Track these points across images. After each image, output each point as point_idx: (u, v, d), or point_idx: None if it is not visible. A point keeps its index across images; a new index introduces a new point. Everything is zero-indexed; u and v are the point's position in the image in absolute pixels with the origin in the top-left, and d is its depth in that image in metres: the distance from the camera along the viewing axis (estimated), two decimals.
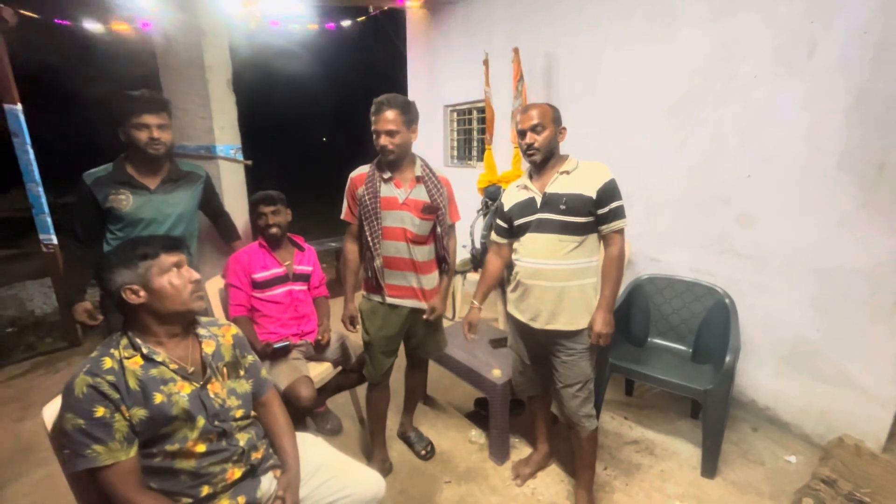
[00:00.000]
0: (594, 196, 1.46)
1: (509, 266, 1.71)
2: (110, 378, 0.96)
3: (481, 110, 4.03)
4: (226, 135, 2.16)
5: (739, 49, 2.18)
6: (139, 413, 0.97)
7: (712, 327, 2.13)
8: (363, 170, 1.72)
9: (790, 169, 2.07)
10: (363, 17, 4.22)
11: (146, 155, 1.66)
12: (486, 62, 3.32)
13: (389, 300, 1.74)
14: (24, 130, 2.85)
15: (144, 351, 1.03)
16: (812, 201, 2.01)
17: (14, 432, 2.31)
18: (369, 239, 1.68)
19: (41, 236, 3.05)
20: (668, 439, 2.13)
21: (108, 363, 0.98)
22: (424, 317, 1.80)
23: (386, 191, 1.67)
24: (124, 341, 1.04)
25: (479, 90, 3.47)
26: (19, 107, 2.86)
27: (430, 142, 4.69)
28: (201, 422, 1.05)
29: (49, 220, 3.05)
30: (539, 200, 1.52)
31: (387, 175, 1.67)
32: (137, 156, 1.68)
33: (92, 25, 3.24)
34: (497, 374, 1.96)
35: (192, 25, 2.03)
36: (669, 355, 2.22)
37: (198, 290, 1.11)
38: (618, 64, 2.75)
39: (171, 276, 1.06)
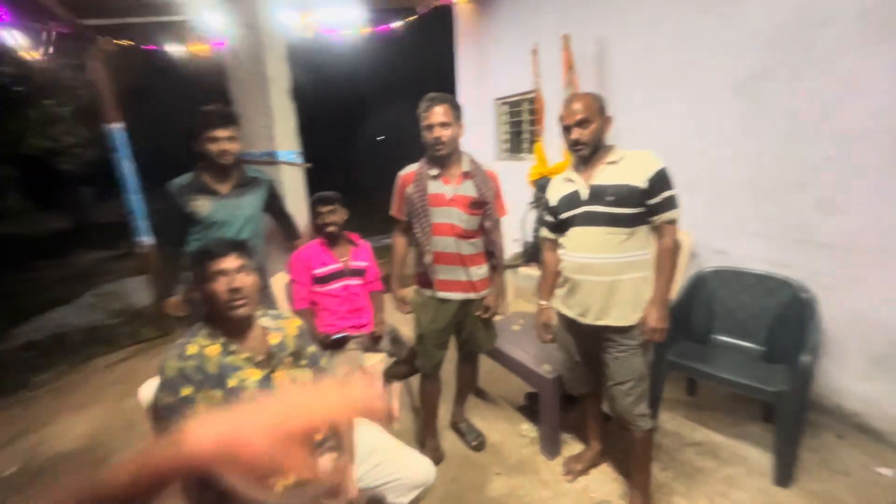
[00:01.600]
0: (644, 186, 1.40)
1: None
2: (193, 363, 1.10)
3: (532, 102, 3.96)
4: (286, 141, 2.33)
5: (819, 14, 1.96)
6: (216, 394, 1.10)
7: (788, 324, 1.95)
8: (412, 168, 1.79)
9: (881, 146, 1.83)
10: (413, 17, 4.30)
11: (217, 164, 1.84)
12: (534, 52, 3.26)
13: (440, 294, 1.79)
14: (123, 147, 3.26)
15: (221, 340, 1.16)
16: None
17: (119, 409, 2.67)
18: (419, 236, 1.75)
19: (138, 238, 3.47)
20: (734, 443, 1.99)
21: (191, 349, 1.12)
22: (478, 314, 1.84)
23: (434, 188, 1.72)
24: (205, 331, 1.18)
25: (528, 81, 3.41)
26: (118, 126, 3.28)
27: (481, 136, 4.69)
28: None
29: (145, 224, 3.47)
30: (585, 193, 1.48)
31: (434, 172, 1.72)
32: (211, 165, 1.87)
33: (174, 48, 3.64)
34: (547, 368, 1.95)
35: (255, 41, 2.21)
36: (736, 353, 2.07)
37: (236, 298, 1.14)
38: (676, 41, 2.58)
39: (214, 284, 1.14)
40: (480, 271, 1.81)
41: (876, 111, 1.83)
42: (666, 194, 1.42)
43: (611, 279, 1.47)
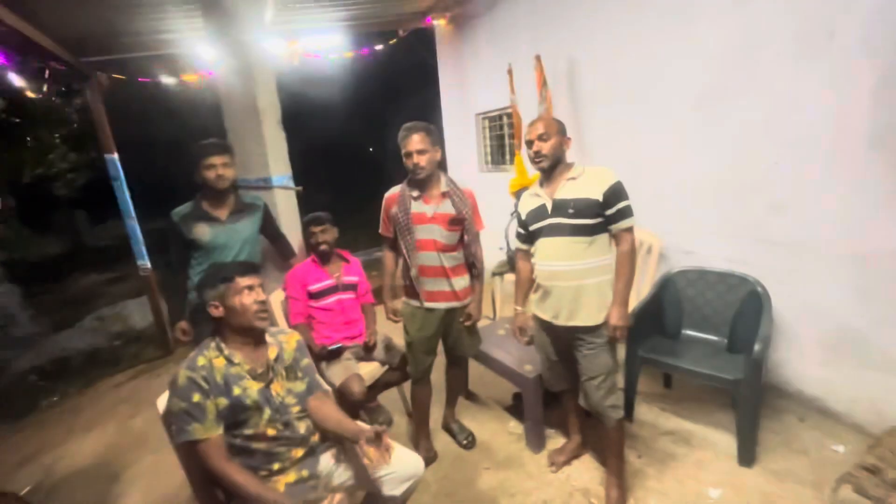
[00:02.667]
0: (600, 199, 1.58)
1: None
2: (203, 373, 1.26)
3: (510, 116, 4.16)
4: (278, 166, 2.49)
5: (759, 37, 2.16)
6: (223, 401, 1.26)
7: (747, 317, 2.13)
8: (395, 190, 1.95)
9: (818, 153, 2.03)
10: (394, 40, 4.51)
11: (215, 190, 2.01)
12: (510, 72, 3.46)
13: (427, 304, 1.95)
14: (121, 175, 3.40)
15: (226, 353, 1.32)
16: (845, 184, 1.97)
17: (128, 427, 2.79)
18: (405, 251, 1.91)
19: (138, 262, 3.60)
20: (705, 430, 2.15)
21: (201, 361, 1.28)
22: (461, 320, 2.00)
23: (416, 207, 1.88)
24: (213, 345, 1.33)
25: (507, 97, 3.60)
26: (116, 155, 3.42)
27: (465, 148, 4.89)
28: (268, 412, 1.32)
29: (144, 248, 3.60)
30: (550, 206, 1.65)
31: (416, 193, 1.89)
32: (209, 192, 2.03)
33: (168, 80, 3.80)
34: (528, 368, 2.10)
35: (245, 74, 2.38)
36: (704, 346, 2.24)
37: (262, 310, 1.33)
38: (637, 62, 2.79)
39: (243, 297, 1.31)
40: (462, 281, 1.98)
41: (810, 122, 2.03)
42: (620, 205, 1.59)
43: (577, 284, 1.64)
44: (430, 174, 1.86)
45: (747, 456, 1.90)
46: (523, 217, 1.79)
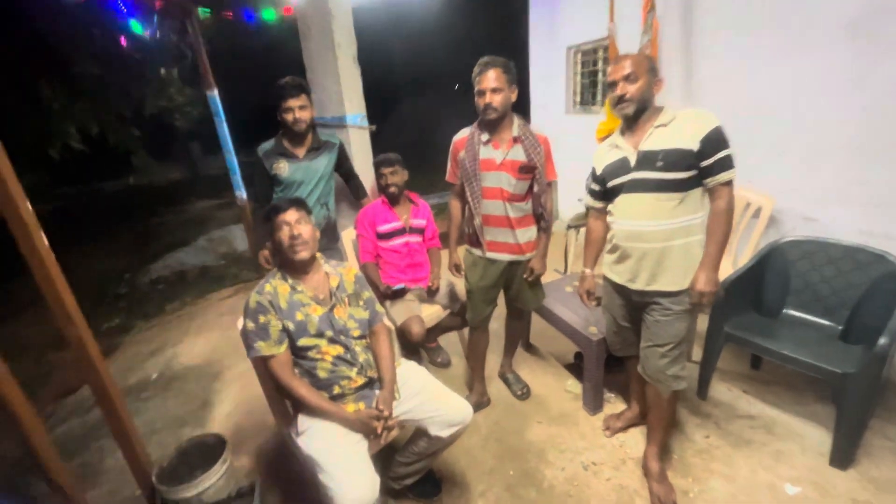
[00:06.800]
0: (696, 148, 1.33)
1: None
2: (269, 297, 1.37)
3: (607, 49, 3.66)
4: (353, 105, 2.48)
5: None
6: (287, 323, 1.37)
7: (875, 302, 1.77)
8: (464, 133, 1.84)
9: None
10: None
11: (293, 131, 2.05)
12: None
13: (489, 254, 1.89)
14: (220, 111, 3.66)
15: (290, 281, 1.42)
16: None
17: (228, 336, 3.23)
18: (470, 199, 1.84)
19: (235, 193, 3.96)
20: (793, 420, 1.91)
21: (268, 287, 1.40)
22: (524, 276, 1.92)
23: (485, 153, 1.77)
24: (279, 273, 1.43)
25: (604, 27, 3.15)
26: (216, 92, 3.66)
27: (552, 87, 4.48)
28: (329, 334, 1.42)
29: (240, 180, 3.93)
30: (633, 159, 1.44)
31: (485, 137, 1.76)
32: (288, 131, 2.09)
33: (258, 15, 3.89)
34: (593, 330, 2.00)
35: (322, 7, 2.32)
36: (810, 330, 1.93)
37: (296, 244, 1.37)
38: None
39: (280, 233, 1.39)
40: (528, 234, 1.87)
41: None
42: (720, 155, 1.33)
43: (662, 245, 1.45)
44: (502, 116, 1.71)
45: (843, 457, 1.66)
46: (599, 171, 1.59)
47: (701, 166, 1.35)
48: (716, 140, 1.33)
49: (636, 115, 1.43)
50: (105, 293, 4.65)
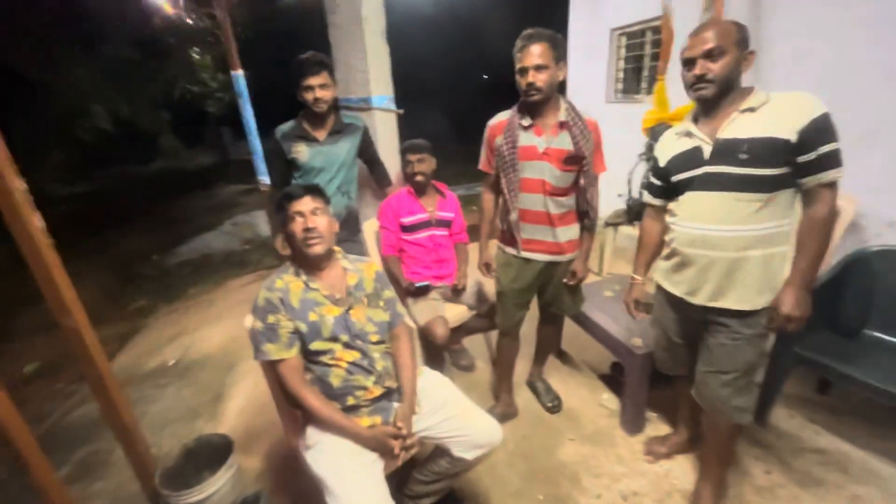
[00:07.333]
0: (793, 138, 1.09)
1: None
2: (280, 295, 1.22)
3: (657, 31, 3.34)
4: (380, 85, 2.29)
5: None
6: (300, 325, 1.22)
7: None
8: (502, 117, 1.64)
9: None
10: None
11: (313, 112, 1.89)
12: None
13: (524, 254, 1.69)
14: (245, 92, 3.55)
15: (303, 278, 1.27)
16: None
17: (244, 326, 3.16)
18: (506, 191, 1.64)
19: (258, 177, 3.88)
20: (871, 458, 1.65)
21: (279, 283, 1.25)
22: (564, 280, 1.72)
23: (525, 139, 1.56)
24: (291, 269, 1.28)
25: (655, 6, 2.85)
26: (241, 72, 3.56)
27: (592, 73, 4.18)
28: (345, 338, 1.26)
29: (264, 164, 3.84)
30: (709, 149, 1.20)
31: (527, 122, 1.55)
32: (309, 112, 1.94)
33: None
34: (637, 342, 1.77)
35: None
36: (894, 355, 1.66)
37: (309, 237, 1.22)
38: None
39: (293, 224, 1.24)
40: (569, 232, 1.66)
41: None
42: (826, 149, 1.08)
43: (735, 255, 1.21)
44: (546, 98, 1.49)
45: None
46: (663, 163, 1.35)
47: (797, 162, 1.11)
48: (822, 130, 1.08)
49: (717, 98, 1.18)
50: (134, 274, 4.71)
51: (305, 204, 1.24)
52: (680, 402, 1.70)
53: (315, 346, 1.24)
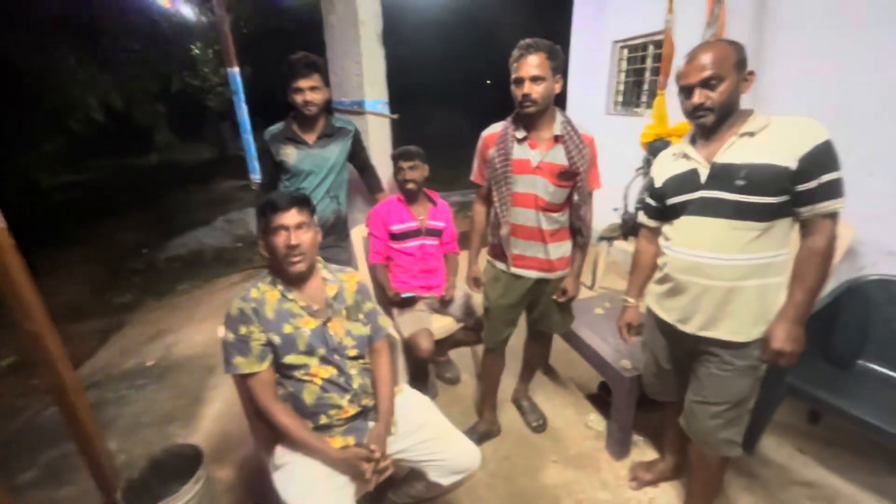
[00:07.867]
0: (793, 166, 1.04)
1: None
2: (253, 305, 1.17)
3: (659, 45, 3.32)
4: (374, 89, 2.25)
5: None
6: (273, 337, 1.16)
7: None
8: (496, 128, 1.59)
9: None
10: None
11: (303, 114, 1.84)
12: None
13: (514, 269, 1.64)
14: (240, 90, 3.51)
15: (279, 287, 1.21)
16: None
17: None
18: (497, 205, 1.59)
19: (251, 175, 3.84)
20: (861, 494, 1.60)
21: (254, 293, 1.19)
22: (554, 297, 1.67)
23: (519, 153, 1.52)
24: (268, 277, 1.23)
25: (657, 20, 2.83)
26: (237, 69, 3.52)
27: (591, 85, 4.15)
28: (322, 351, 1.20)
29: (256, 162, 3.80)
30: (705, 173, 1.16)
31: (521, 134, 1.51)
32: (298, 114, 1.89)
33: None
34: (626, 364, 1.73)
35: None
36: (890, 389, 1.61)
37: (292, 255, 1.16)
38: None
39: (276, 238, 1.17)
40: (561, 249, 1.61)
41: None
42: (827, 177, 1.04)
43: (730, 285, 1.16)
44: (542, 110, 1.45)
45: None
46: (658, 184, 1.31)
47: (797, 190, 1.06)
48: (823, 158, 1.03)
49: (717, 124, 1.14)
50: (122, 267, 4.63)
51: (291, 217, 1.17)
52: (667, 428, 1.65)
53: (289, 359, 1.19)
